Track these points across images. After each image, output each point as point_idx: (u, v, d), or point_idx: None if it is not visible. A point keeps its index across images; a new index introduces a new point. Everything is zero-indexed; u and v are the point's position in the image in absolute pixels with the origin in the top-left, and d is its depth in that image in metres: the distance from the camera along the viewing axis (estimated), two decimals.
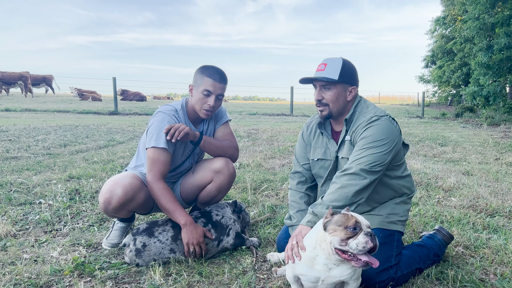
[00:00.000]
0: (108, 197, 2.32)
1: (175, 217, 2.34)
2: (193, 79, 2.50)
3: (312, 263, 1.74)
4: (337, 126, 2.31)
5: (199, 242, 2.32)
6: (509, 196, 3.84)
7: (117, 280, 2.13)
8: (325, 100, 2.17)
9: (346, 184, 1.96)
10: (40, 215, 3.11)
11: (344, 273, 1.72)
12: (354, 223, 1.64)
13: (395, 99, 44.34)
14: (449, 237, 2.43)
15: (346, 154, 2.16)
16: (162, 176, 2.39)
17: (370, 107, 2.21)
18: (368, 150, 2.00)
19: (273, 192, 4.03)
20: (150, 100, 31.74)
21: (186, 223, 2.32)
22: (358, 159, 1.99)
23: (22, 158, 5.50)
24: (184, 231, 2.31)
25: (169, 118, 2.44)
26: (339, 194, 1.95)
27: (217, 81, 2.43)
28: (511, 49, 13.97)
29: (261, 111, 20.19)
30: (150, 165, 2.39)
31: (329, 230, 1.68)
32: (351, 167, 1.99)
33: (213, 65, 2.51)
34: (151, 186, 2.37)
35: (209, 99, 2.44)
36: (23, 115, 13.47)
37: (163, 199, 2.35)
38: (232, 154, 2.71)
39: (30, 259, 2.34)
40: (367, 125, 2.08)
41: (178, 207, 2.35)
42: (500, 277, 2.18)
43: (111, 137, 8.10)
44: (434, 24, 29.93)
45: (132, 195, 2.36)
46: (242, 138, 8.49)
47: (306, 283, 1.81)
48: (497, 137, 9.37)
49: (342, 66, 2.13)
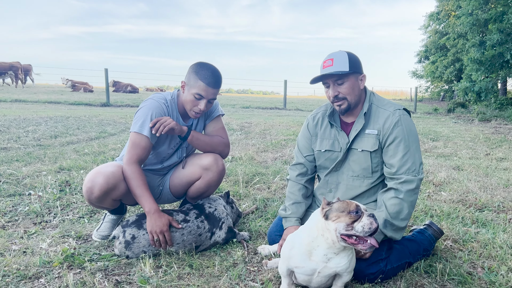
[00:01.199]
0: (90, 186, 2.29)
1: (141, 202, 2.31)
2: (187, 77, 2.42)
3: (309, 254, 1.76)
4: (348, 118, 2.31)
5: (163, 230, 2.27)
6: (498, 191, 3.89)
7: (107, 272, 2.12)
8: (342, 94, 2.17)
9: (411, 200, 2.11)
10: (29, 207, 3.08)
11: (341, 263, 1.74)
12: (355, 207, 1.68)
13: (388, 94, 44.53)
14: (439, 232, 2.45)
15: (368, 148, 2.19)
16: (138, 160, 2.36)
17: (385, 100, 2.28)
18: (413, 155, 2.11)
19: (265, 185, 4.03)
20: (143, 92, 31.54)
21: (150, 210, 2.28)
22: (410, 168, 2.10)
23: (11, 149, 5.43)
24: (148, 219, 2.28)
25: (157, 105, 2.40)
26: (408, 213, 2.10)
27: (210, 87, 2.36)
28: (504, 45, 14.06)
29: (255, 104, 20.16)
30: (129, 148, 2.37)
31: (332, 217, 1.70)
32: (411, 180, 2.08)
33: (209, 65, 2.41)
34: (124, 167, 2.35)
35: (200, 103, 2.39)
36: (13, 106, 13.30)
37: (133, 182, 2.32)
38: (222, 150, 2.65)
39: (19, 250, 2.33)
40: (398, 122, 2.14)
41: (146, 193, 2.32)
42: (487, 270, 2.21)
43: (102, 128, 8.04)
44: (428, 20, 30.01)
45: (114, 183, 2.33)
46: (235, 131, 8.47)
47: (301, 276, 1.82)
48: (488, 132, 9.46)
49: (348, 57, 2.15)
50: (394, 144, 2.13)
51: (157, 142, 2.49)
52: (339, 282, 1.84)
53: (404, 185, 2.07)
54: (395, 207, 2.06)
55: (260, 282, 2.04)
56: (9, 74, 25.13)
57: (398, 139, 2.12)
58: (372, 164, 2.21)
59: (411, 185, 2.07)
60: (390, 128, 2.13)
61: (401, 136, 2.12)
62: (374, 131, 2.18)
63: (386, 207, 2.08)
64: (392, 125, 2.13)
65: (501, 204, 3.47)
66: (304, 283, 1.88)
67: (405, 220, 2.09)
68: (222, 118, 2.74)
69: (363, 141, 2.21)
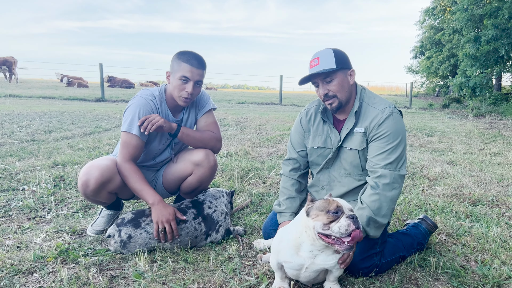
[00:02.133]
0: (86, 180, 2.29)
1: (143, 196, 2.31)
2: (170, 66, 2.42)
3: (297, 249, 1.75)
4: (340, 115, 2.29)
5: (169, 219, 2.27)
6: (492, 186, 3.91)
7: (101, 266, 2.12)
8: (332, 92, 2.15)
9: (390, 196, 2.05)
10: (23, 202, 3.06)
11: (329, 260, 1.73)
12: (335, 207, 1.66)
13: (383, 89, 44.58)
14: (433, 226, 2.47)
15: (356, 146, 2.18)
16: (131, 158, 2.36)
17: (376, 98, 2.23)
18: (394, 151, 2.07)
19: (260, 180, 4.03)
20: (138, 87, 31.38)
21: (154, 202, 2.29)
22: (388, 163, 2.06)
23: (5, 144, 5.40)
24: (153, 210, 2.28)
25: (145, 102, 2.39)
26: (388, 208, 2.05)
27: (194, 67, 2.35)
28: (498, 41, 14.09)
29: (250, 100, 20.12)
30: (121, 147, 2.37)
31: (312, 215, 1.69)
32: (387, 174, 2.04)
33: (190, 51, 2.41)
34: (119, 167, 2.35)
35: (187, 86, 2.36)
36: (7, 101, 13.20)
37: (130, 179, 2.32)
38: (214, 145, 2.63)
39: (13, 245, 2.31)
40: (385, 120, 2.10)
41: (146, 186, 2.32)
42: (481, 264, 2.23)
43: (97, 124, 8.00)
44: (423, 15, 30.01)
45: (109, 176, 2.33)
46: (230, 126, 8.46)
47: (290, 270, 1.82)
48: (482, 127, 9.50)
49: (334, 54, 2.13)
50: (377, 141, 2.11)
51: (148, 139, 2.48)
52: (331, 277, 1.85)
53: (381, 179, 2.04)
54: (375, 204, 2.02)
55: (255, 276, 2.05)
56: (2, 69, 24.90)
57: (382, 135, 2.10)
58: (361, 162, 2.20)
59: (386, 179, 2.03)
60: (376, 126, 2.12)
61: (385, 133, 2.09)
62: (361, 129, 2.16)
63: (367, 204, 2.03)
64: (379, 123, 2.11)
65: (495, 199, 3.49)
66: (293, 277, 1.88)
67: (385, 216, 2.03)
68: (215, 113, 2.72)
69: (352, 139, 2.20)
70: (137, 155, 2.40)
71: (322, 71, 2.10)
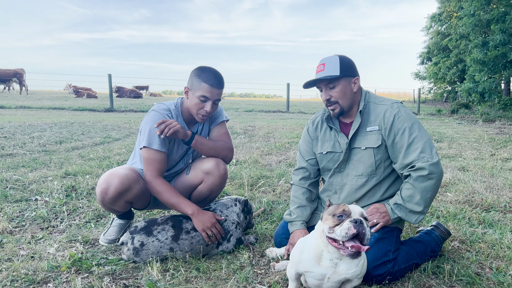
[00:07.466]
0: (105, 187, 2.31)
1: (181, 209, 2.36)
2: (189, 82, 2.45)
3: (318, 259, 1.74)
4: (346, 119, 2.33)
5: (213, 223, 2.35)
6: (504, 191, 3.87)
7: (114, 276, 2.13)
8: (334, 98, 2.20)
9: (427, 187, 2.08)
10: (36, 212, 3.09)
11: (350, 270, 1.71)
12: (341, 211, 1.67)
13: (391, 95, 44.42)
14: (446, 233, 2.45)
15: (372, 144, 2.20)
16: (159, 174, 2.40)
17: (381, 97, 2.30)
18: (420, 138, 2.11)
19: (270, 188, 4.03)
20: (146, 97, 31.64)
21: (193, 212, 2.34)
22: (421, 152, 2.08)
23: (17, 155, 5.47)
24: (195, 221, 2.34)
25: (161, 117, 2.42)
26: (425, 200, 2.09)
27: (214, 87, 2.39)
28: (506, 45, 14.02)
29: (257, 108, 20.18)
30: (146, 164, 2.39)
31: (323, 219, 1.73)
32: (423, 167, 2.05)
33: (210, 68, 2.45)
34: (150, 184, 2.38)
35: (206, 105, 2.41)
36: (18, 112, 13.38)
37: (164, 194, 2.36)
38: (226, 155, 2.66)
39: (27, 255, 2.34)
40: (398, 113, 2.15)
41: (182, 199, 2.37)
42: (495, 271, 2.20)
43: (107, 134, 8.07)
44: (430, 21, 29.96)
45: (128, 185, 2.35)
46: (238, 134, 8.48)
47: (312, 280, 1.80)
48: (492, 133, 9.42)
49: (340, 61, 2.18)
50: (399, 136, 2.14)
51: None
52: (348, 286, 1.83)
53: (416, 172, 2.07)
54: (407, 192, 2.10)
55: (268, 284, 2.04)
56: (13, 81, 25.28)
57: (401, 129, 2.13)
58: (376, 161, 2.22)
59: (422, 171, 2.05)
60: (391, 121, 2.15)
61: (404, 125, 2.13)
62: (376, 127, 2.20)
63: (400, 192, 2.14)
64: (392, 118, 2.15)
65: (508, 205, 3.45)
66: (314, 287, 1.87)
67: (419, 205, 2.08)
68: (226, 124, 2.76)
69: (366, 139, 2.22)
70: (163, 169, 2.44)
71: (325, 77, 2.15)
